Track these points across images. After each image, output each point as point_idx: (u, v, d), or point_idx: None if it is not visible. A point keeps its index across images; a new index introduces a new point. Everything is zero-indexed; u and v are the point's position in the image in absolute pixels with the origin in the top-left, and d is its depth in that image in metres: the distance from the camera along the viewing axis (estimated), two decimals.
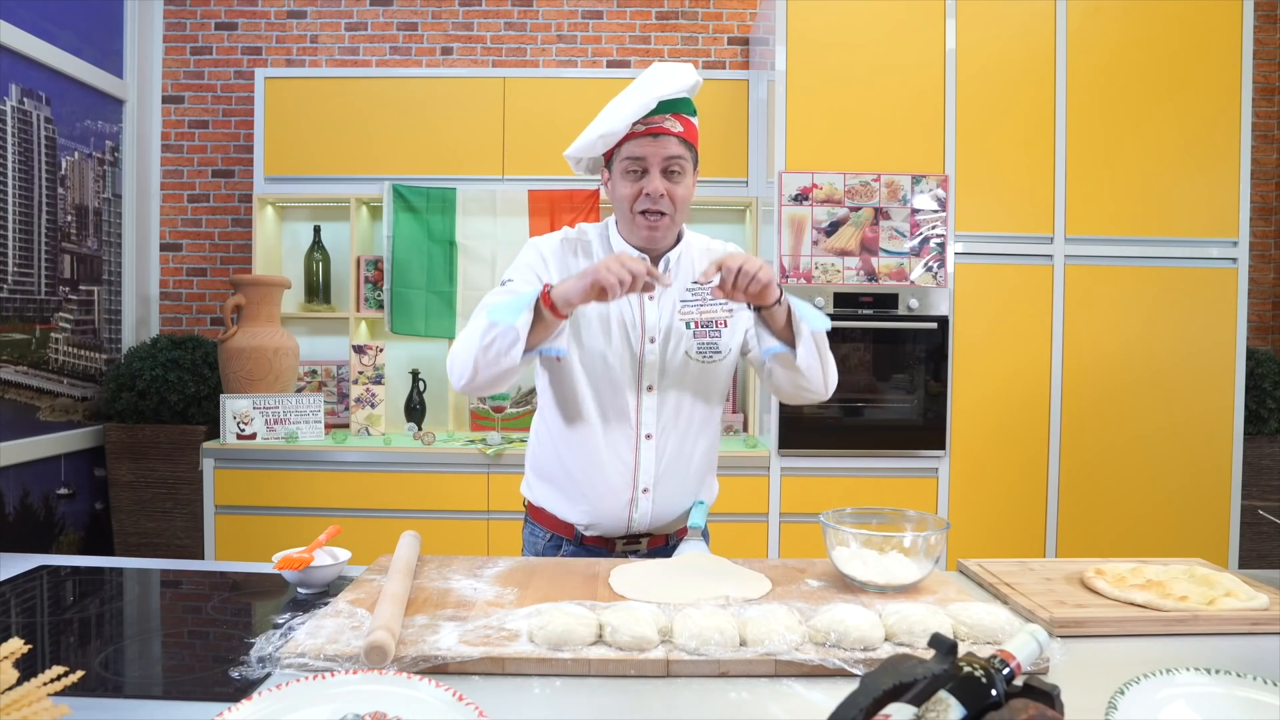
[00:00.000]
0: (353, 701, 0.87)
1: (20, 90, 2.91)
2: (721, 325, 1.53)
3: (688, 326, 1.51)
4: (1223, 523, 2.99)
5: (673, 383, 1.52)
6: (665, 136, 1.42)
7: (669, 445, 1.53)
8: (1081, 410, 2.97)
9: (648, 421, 1.51)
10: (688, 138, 1.46)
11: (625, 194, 1.46)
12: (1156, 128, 2.95)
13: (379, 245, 3.50)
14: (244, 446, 3.02)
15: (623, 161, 1.45)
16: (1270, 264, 3.77)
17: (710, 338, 1.52)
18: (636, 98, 1.42)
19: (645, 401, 1.51)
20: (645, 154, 1.43)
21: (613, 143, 1.45)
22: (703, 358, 1.52)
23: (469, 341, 1.39)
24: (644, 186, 1.43)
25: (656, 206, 1.44)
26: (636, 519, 1.54)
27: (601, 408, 1.51)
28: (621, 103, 1.44)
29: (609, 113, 1.45)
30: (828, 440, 2.94)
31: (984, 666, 0.74)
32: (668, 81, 1.43)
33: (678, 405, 1.52)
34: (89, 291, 3.30)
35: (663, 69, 1.46)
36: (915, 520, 1.35)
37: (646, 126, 1.42)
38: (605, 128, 1.44)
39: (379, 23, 3.67)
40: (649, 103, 1.40)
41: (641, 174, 1.44)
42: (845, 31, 2.92)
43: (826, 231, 2.91)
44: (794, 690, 0.98)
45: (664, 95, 1.41)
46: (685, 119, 1.46)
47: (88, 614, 1.26)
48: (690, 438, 1.55)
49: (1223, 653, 1.10)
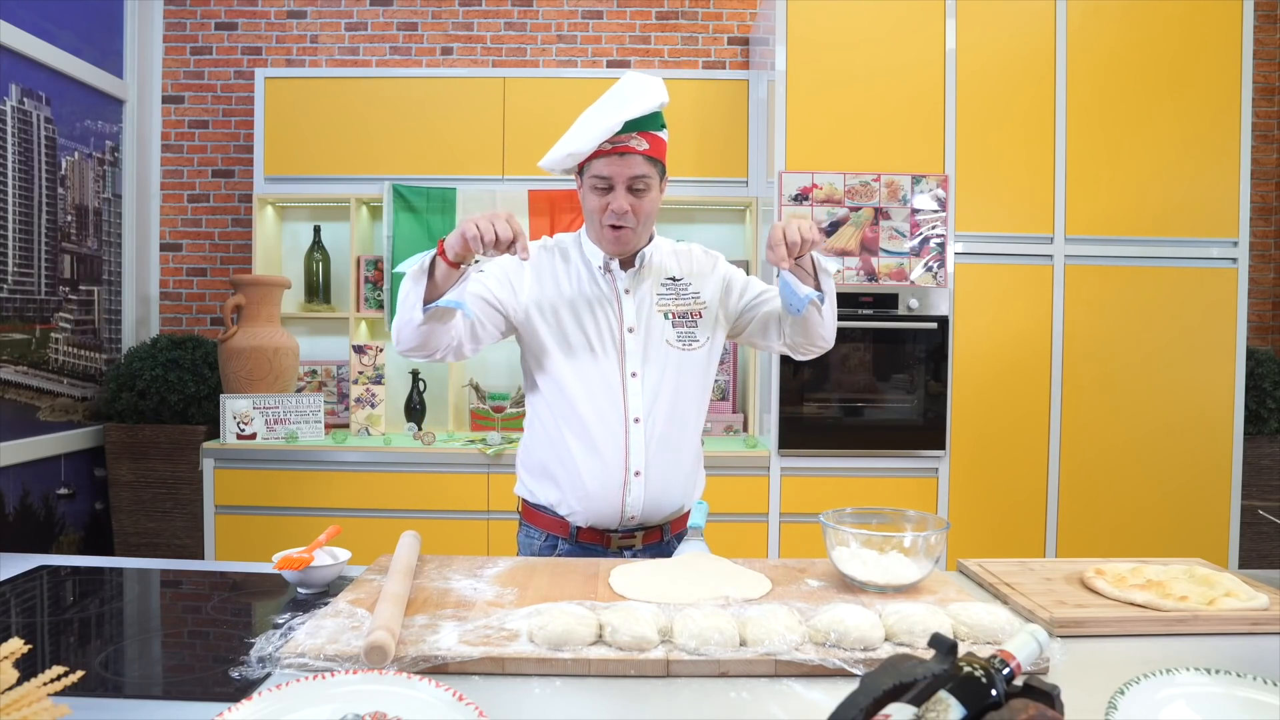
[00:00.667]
0: (353, 701, 0.87)
1: (20, 90, 2.91)
2: (697, 316, 1.62)
3: (666, 317, 1.60)
4: (1223, 523, 2.99)
5: (656, 369, 1.58)
6: (631, 156, 1.48)
7: (657, 429, 1.58)
8: (1081, 410, 2.97)
9: (634, 406, 1.56)
10: (654, 154, 1.51)
11: (592, 207, 1.53)
12: (1156, 128, 2.95)
13: (379, 245, 3.50)
14: (244, 446, 3.02)
15: (590, 178, 1.52)
16: (1270, 264, 3.77)
17: (688, 327, 1.61)
18: (603, 119, 1.47)
19: (630, 387, 1.57)
20: (611, 174, 1.49)
21: (580, 159, 1.52)
22: (683, 345, 1.60)
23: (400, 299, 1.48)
24: (609, 202, 1.50)
25: (621, 221, 1.52)
26: (630, 504, 1.57)
27: (591, 395, 1.56)
28: (590, 121, 1.49)
29: (578, 130, 1.50)
30: (828, 440, 2.94)
31: (984, 666, 0.74)
32: (634, 102, 1.48)
33: (658, 389, 1.58)
34: (89, 291, 3.30)
35: (632, 85, 1.51)
36: (915, 520, 1.35)
37: (613, 145, 1.48)
38: (572, 146, 1.50)
39: (379, 23, 3.68)
40: (614, 125, 1.45)
41: (608, 190, 1.51)
42: (845, 31, 2.92)
43: (827, 231, 2.91)
44: (794, 690, 0.98)
45: (630, 116, 1.46)
46: (652, 135, 1.50)
47: (88, 614, 1.26)
48: (677, 423, 1.60)
49: (1223, 653, 1.10)
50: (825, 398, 2.96)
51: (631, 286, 1.59)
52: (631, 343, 1.58)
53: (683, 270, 1.64)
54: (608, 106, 1.49)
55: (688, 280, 1.64)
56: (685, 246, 1.70)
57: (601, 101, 1.51)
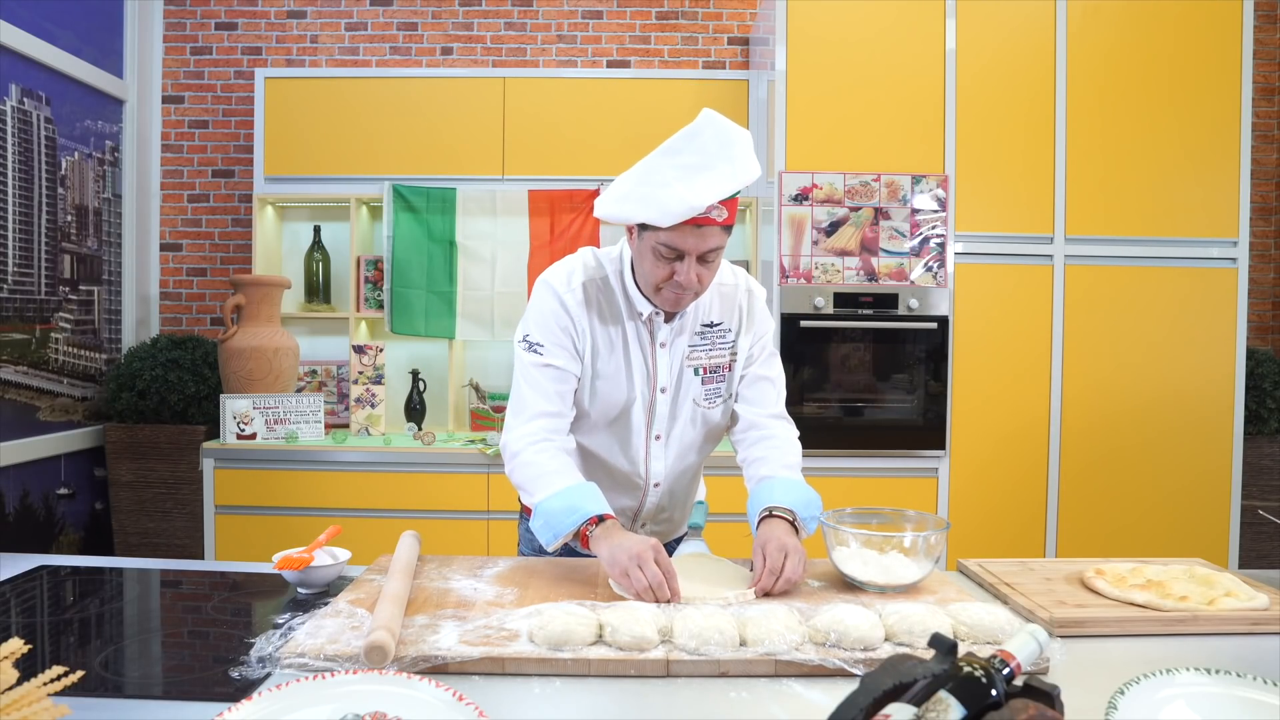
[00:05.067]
0: (353, 701, 0.87)
1: (20, 90, 2.91)
2: (726, 370, 1.52)
3: (696, 373, 1.49)
4: (1223, 523, 2.99)
5: (680, 431, 1.52)
6: (710, 228, 1.30)
7: (673, 486, 1.57)
8: (1081, 410, 2.97)
9: (656, 470, 1.53)
10: (729, 222, 1.32)
11: (653, 272, 1.36)
12: (1156, 128, 2.95)
13: (379, 245, 3.50)
14: (244, 446, 3.02)
15: (657, 244, 1.32)
16: (1270, 264, 3.76)
17: (716, 383, 1.51)
18: (686, 190, 1.25)
19: (654, 451, 1.52)
20: (685, 247, 1.31)
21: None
22: (708, 404, 1.51)
23: (523, 479, 1.41)
24: (676, 273, 1.33)
25: (685, 289, 1.36)
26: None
27: (614, 457, 1.52)
28: (666, 183, 1.26)
29: (651, 189, 1.27)
30: (828, 440, 2.94)
31: (984, 666, 0.74)
32: (726, 178, 1.26)
33: (681, 451, 1.54)
34: (89, 291, 3.30)
35: (720, 142, 1.27)
36: (915, 520, 1.35)
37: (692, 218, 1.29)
38: (645, 214, 1.29)
39: (379, 23, 3.67)
40: (699, 206, 1.25)
41: (676, 258, 1.33)
42: (845, 31, 2.92)
43: (826, 231, 2.91)
44: (794, 690, 0.98)
45: (721, 197, 1.27)
46: (732, 201, 1.31)
47: (88, 614, 1.26)
48: (689, 474, 1.59)
49: (1223, 653, 1.10)
50: (825, 398, 2.96)
51: (669, 340, 1.47)
52: (661, 405, 1.49)
53: (723, 314, 1.50)
54: (689, 165, 1.26)
55: (726, 326, 1.50)
56: (730, 280, 1.51)
57: (680, 153, 1.27)
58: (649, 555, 1.22)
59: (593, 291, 1.45)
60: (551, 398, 1.42)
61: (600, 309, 1.45)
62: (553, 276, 1.46)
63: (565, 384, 1.44)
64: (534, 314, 1.46)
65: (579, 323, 1.44)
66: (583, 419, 1.50)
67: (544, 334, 1.43)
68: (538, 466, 1.38)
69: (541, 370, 1.43)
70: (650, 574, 1.21)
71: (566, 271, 1.46)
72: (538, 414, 1.42)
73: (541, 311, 1.44)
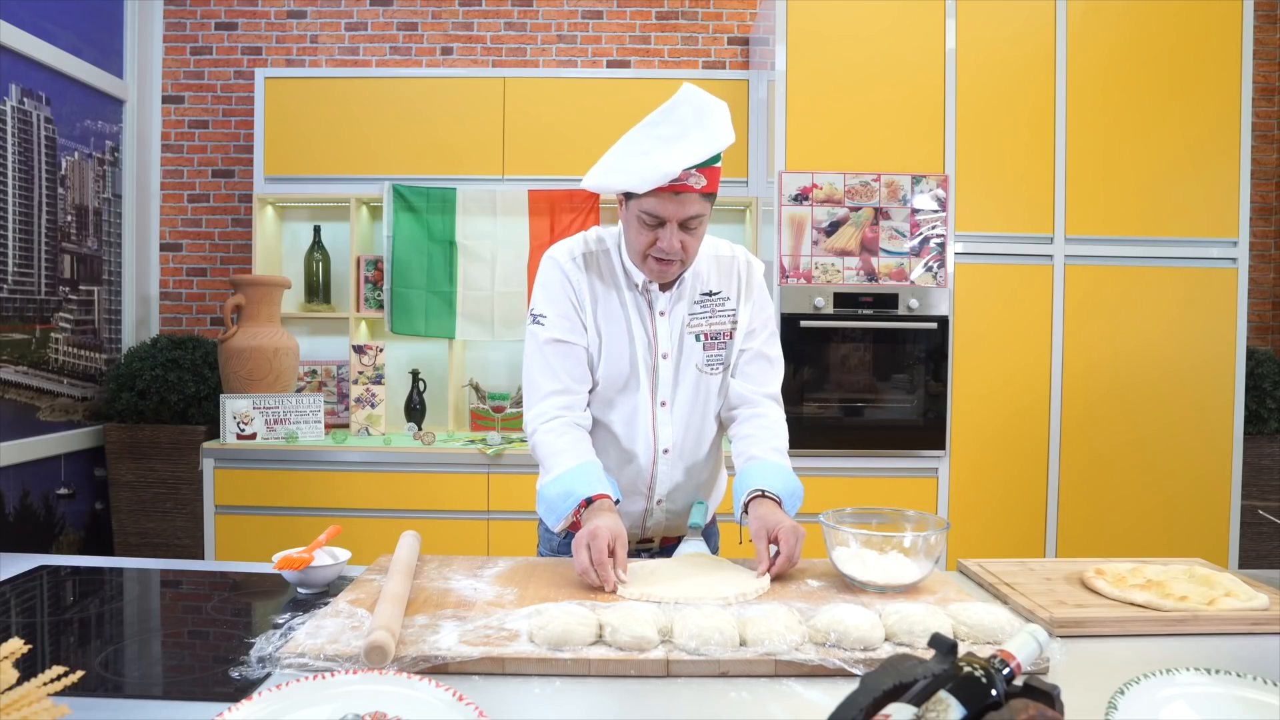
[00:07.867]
0: (353, 701, 0.87)
1: (20, 90, 2.91)
2: (727, 337, 1.55)
3: (697, 339, 1.53)
4: (1223, 523, 2.99)
5: (685, 397, 1.54)
6: (688, 195, 1.36)
7: (684, 458, 1.57)
8: (1081, 410, 2.97)
9: (664, 436, 1.54)
10: (710, 190, 1.38)
11: (638, 239, 1.42)
12: (1156, 128, 2.95)
13: (379, 245, 3.50)
14: (244, 446, 3.02)
15: (640, 213, 1.39)
16: (1270, 264, 3.76)
17: (717, 349, 1.54)
18: (662, 157, 1.32)
19: (660, 417, 1.53)
20: (665, 213, 1.36)
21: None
22: (710, 370, 1.55)
23: (539, 460, 1.49)
24: (658, 239, 1.39)
25: (668, 257, 1.41)
26: (650, 526, 1.60)
27: (623, 426, 1.53)
28: (644, 152, 1.34)
29: (630, 158, 1.35)
30: (828, 440, 2.94)
31: (984, 666, 0.74)
32: (699, 144, 1.33)
33: (687, 418, 1.55)
34: (89, 291, 3.30)
35: (694, 112, 1.34)
36: (915, 520, 1.35)
37: (670, 184, 1.34)
38: (622, 181, 1.37)
39: (379, 23, 3.67)
40: (673, 170, 1.32)
41: (657, 226, 1.39)
42: (845, 31, 2.92)
43: (826, 231, 2.91)
44: (794, 690, 0.98)
45: (693, 163, 1.32)
46: (711, 169, 1.37)
47: (88, 614, 1.26)
48: (701, 448, 1.59)
49: (1223, 653, 1.10)
50: (825, 398, 2.96)
51: (667, 308, 1.51)
52: (664, 370, 1.52)
53: (720, 283, 1.54)
54: (665, 135, 1.33)
55: (724, 295, 1.54)
56: (728, 253, 1.57)
57: (658, 125, 1.34)
58: (604, 538, 1.26)
59: (593, 261, 1.52)
60: (559, 374, 1.48)
61: (600, 275, 1.51)
62: (556, 250, 1.54)
63: (572, 357, 1.49)
64: (539, 287, 1.52)
65: (580, 290, 1.50)
66: (592, 388, 1.53)
67: (548, 304, 1.50)
68: (547, 446, 1.45)
69: (548, 347, 1.49)
70: (595, 552, 1.24)
71: (569, 245, 1.54)
72: (548, 393, 1.48)
73: (545, 283, 1.51)
